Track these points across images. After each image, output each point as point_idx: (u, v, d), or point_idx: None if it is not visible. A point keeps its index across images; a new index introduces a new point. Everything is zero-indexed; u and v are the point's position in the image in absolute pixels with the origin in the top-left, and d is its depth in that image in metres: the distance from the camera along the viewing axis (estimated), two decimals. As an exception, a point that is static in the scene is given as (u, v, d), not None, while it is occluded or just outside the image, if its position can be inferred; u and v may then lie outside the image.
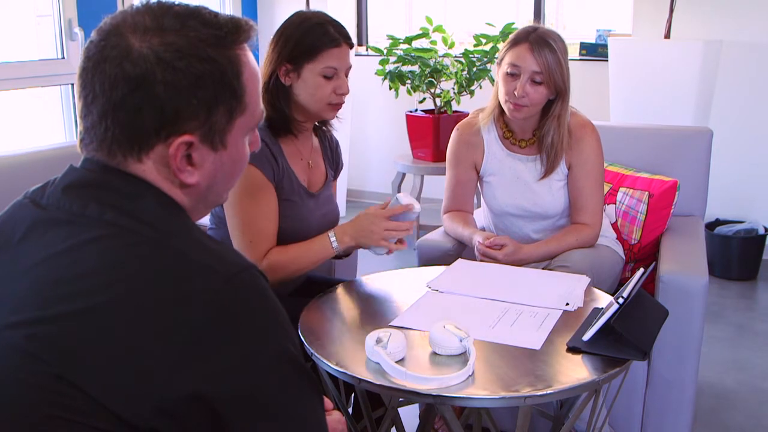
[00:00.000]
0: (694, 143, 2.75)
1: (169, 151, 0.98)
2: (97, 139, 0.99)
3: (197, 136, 0.99)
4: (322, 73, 1.95)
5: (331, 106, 2.00)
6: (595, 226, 2.35)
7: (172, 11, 1.00)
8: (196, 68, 0.97)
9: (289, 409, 0.95)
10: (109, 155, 0.99)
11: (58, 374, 0.86)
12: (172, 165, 0.99)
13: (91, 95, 0.98)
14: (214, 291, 0.91)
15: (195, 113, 0.98)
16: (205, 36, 0.99)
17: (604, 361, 1.56)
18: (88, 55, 0.99)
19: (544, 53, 2.20)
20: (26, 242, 0.98)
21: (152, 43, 0.96)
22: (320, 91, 1.97)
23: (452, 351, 1.55)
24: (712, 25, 4.16)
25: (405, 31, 4.78)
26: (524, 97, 2.22)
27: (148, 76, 0.95)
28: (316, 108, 1.99)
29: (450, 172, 2.49)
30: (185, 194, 1.04)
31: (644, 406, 2.25)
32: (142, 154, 0.99)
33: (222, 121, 1.01)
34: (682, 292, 2.14)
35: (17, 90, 3.69)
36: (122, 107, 0.96)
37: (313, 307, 1.86)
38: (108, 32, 0.99)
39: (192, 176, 1.02)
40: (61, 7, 3.77)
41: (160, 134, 0.98)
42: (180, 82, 0.96)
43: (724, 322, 3.47)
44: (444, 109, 4.42)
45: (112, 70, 0.96)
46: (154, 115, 0.96)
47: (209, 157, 1.02)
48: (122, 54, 0.96)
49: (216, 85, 0.99)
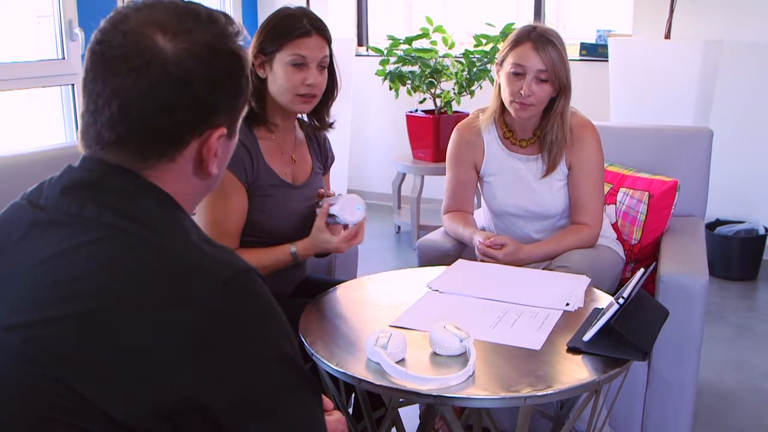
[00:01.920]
0: (694, 143, 2.75)
1: (207, 144, 1.01)
2: (130, 142, 0.98)
3: (226, 128, 1.03)
4: (291, 61, 1.94)
5: (300, 97, 1.97)
6: (596, 227, 2.35)
7: (189, 10, 1.02)
8: (227, 62, 1.01)
9: (287, 411, 0.95)
10: (142, 160, 0.99)
11: (55, 377, 0.86)
12: (208, 157, 1.02)
13: (124, 98, 0.96)
14: (212, 294, 0.91)
15: (229, 105, 1.03)
16: (226, 31, 1.02)
17: (605, 361, 1.56)
18: (110, 55, 0.97)
19: (548, 51, 2.20)
20: (24, 243, 0.98)
21: (185, 43, 0.97)
22: (288, 81, 1.95)
23: (452, 351, 1.55)
24: (713, 25, 4.16)
25: (405, 32, 4.78)
26: (530, 96, 2.22)
27: (190, 76, 0.97)
28: (286, 99, 1.98)
29: (450, 172, 2.49)
30: (200, 186, 1.06)
31: (644, 406, 2.25)
32: (176, 153, 1.00)
33: (240, 110, 1.06)
34: (682, 293, 2.14)
35: (17, 90, 3.69)
36: (165, 111, 0.97)
37: (313, 308, 1.86)
38: (131, 33, 0.97)
39: (215, 166, 1.05)
40: (61, 8, 3.78)
41: (196, 130, 1.00)
42: (216, 77, 0.99)
43: (725, 322, 3.47)
44: (444, 110, 4.43)
45: (154, 74, 0.95)
46: (194, 113, 0.98)
47: (226, 146, 1.06)
48: (157, 56, 0.95)
49: (241, 77, 1.04)
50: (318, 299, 1.92)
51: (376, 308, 1.90)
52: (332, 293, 1.97)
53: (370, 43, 5.48)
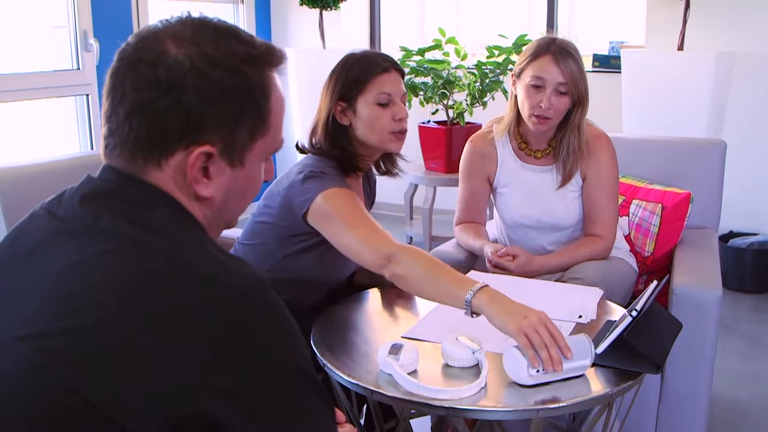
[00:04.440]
0: (707, 155, 2.74)
1: (188, 159, 0.99)
2: (120, 142, 1.00)
3: (217, 149, 1.00)
4: (376, 101, 1.92)
5: (393, 135, 1.94)
6: (609, 239, 2.34)
7: (211, 25, 1.02)
8: (226, 80, 0.99)
9: (299, 423, 0.95)
10: (131, 160, 1.00)
11: (69, 387, 0.86)
12: (189, 174, 1.00)
13: (120, 95, 0.99)
14: (224, 304, 0.90)
15: (219, 124, 1.00)
16: (239, 52, 1.01)
17: (617, 374, 1.56)
18: (122, 56, 1.00)
19: (568, 63, 2.20)
20: (40, 254, 0.98)
21: (188, 51, 0.98)
22: (378, 120, 1.92)
23: (465, 363, 1.55)
24: (726, 36, 4.15)
25: (418, 43, 4.78)
26: (550, 108, 2.22)
27: (179, 82, 0.97)
28: (377, 139, 1.94)
29: (463, 183, 2.49)
30: (201, 208, 1.04)
31: (657, 419, 2.23)
32: (162, 159, 0.99)
33: (244, 137, 1.02)
34: (695, 305, 2.13)
35: (33, 100, 3.72)
36: (149, 109, 0.97)
37: (325, 319, 1.86)
38: (146, 37, 1.00)
39: (207, 189, 1.02)
40: (76, 19, 3.81)
41: (182, 141, 0.99)
42: (209, 91, 0.98)
43: (738, 335, 3.45)
44: (456, 121, 4.43)
45: (144, 71, 0.97)
46: (179, 121, 0.97)
47: (225, 172, 1.03)
48: (157, 57, 0.97)
49: (243, 100, 1.01)
50: (330, 310, 1.92)
51: (389, 319, 1.90)
52: (345, 304, 1.97)
53: (382, 55, 5.49)
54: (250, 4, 5.19)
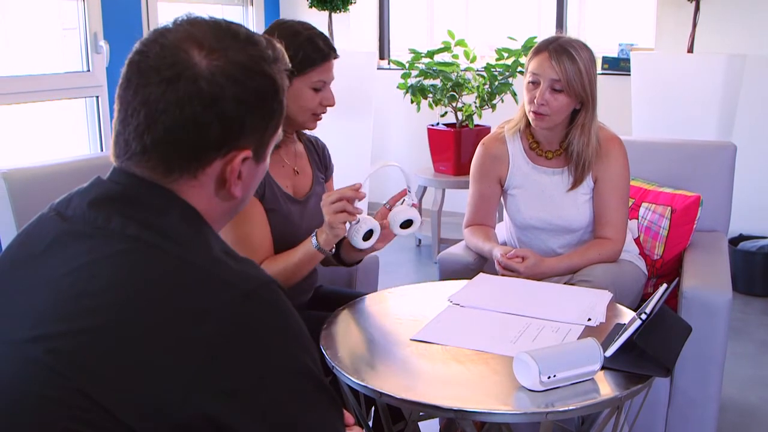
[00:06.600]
0: (717, 158, 2.73)
1: (231, 165, 1.01)
2: (156, 155, 0.99)
3: (252, 150, 1.03)
4: (312, 86, 1.98)
5: (315, 116, 2.04)
6: (618, 242, 2.33)
7: (229, 30, 1.03)
8: (259, 84, 1.02)
9: (307, 425, 0.95)
10: (166, 173, 1.00)
11: (78, 388, 0.87)
12: (230, 179, 1.02)
13: (140, 104, 0.98)
14: (232, 306, 0.90)
15: (255, 128, 1.03)
16: (263, 54, 1.03)
17: (627, 377, 1.55)
18: (145, 65, 0.99)
19: (562, 61, 2.20)
20: (50, 255, 0.98)
21: (219, 60, 0.98)
22: (309, 102, 1.99)
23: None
24: (736, 39, 4.14)
25: (427, 45, 4.80)
26: (544, 105, 2.23)
27: (220, 94, 0.98)
28: (302, 119, 2.02)
29: (473, 186, 2.49)
30: (224, 207, 1.06)
31: (666, 423, 2.23)
32: (199, 171, 1.01)
33: (270, 134, 1.06)
34: (705, 308, 2.12)
35: (43, 102, 3.74)
36: (191, 125, 0.98)
37: (333, 321, 1.86)
38: (166, 45, 0.99)
39: (239, 189, 1.05)
40: (86, 21, 3.82)
41: (221, 150, 1.00)
42: (246, 98, 1.00)
43: (748, 338, 3.44)
44: (465, 123, 4.43)
45: (186, 88, 0.97)
46: (220, 131, 0.99)
47: (252, 170, 1.06)
48: (191, 72, 0.97)
49: (272, 100, 1.04)
50: (339, 312, 1.92)
51: (397, 322, 1.90)
52: (353, 306, 1.97)
53: (391, 57, 5.49)
54: (260, 5, 5.20)
